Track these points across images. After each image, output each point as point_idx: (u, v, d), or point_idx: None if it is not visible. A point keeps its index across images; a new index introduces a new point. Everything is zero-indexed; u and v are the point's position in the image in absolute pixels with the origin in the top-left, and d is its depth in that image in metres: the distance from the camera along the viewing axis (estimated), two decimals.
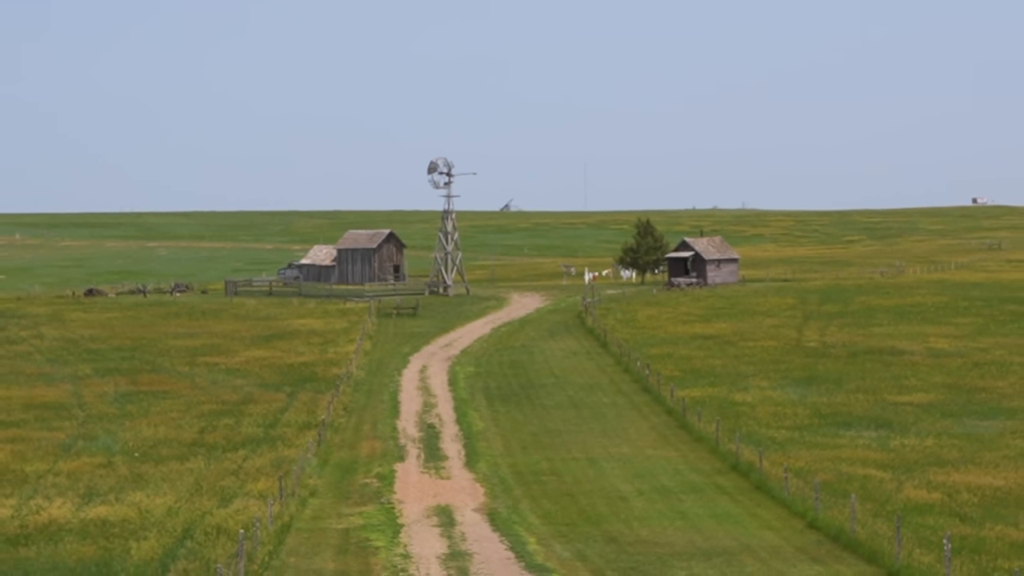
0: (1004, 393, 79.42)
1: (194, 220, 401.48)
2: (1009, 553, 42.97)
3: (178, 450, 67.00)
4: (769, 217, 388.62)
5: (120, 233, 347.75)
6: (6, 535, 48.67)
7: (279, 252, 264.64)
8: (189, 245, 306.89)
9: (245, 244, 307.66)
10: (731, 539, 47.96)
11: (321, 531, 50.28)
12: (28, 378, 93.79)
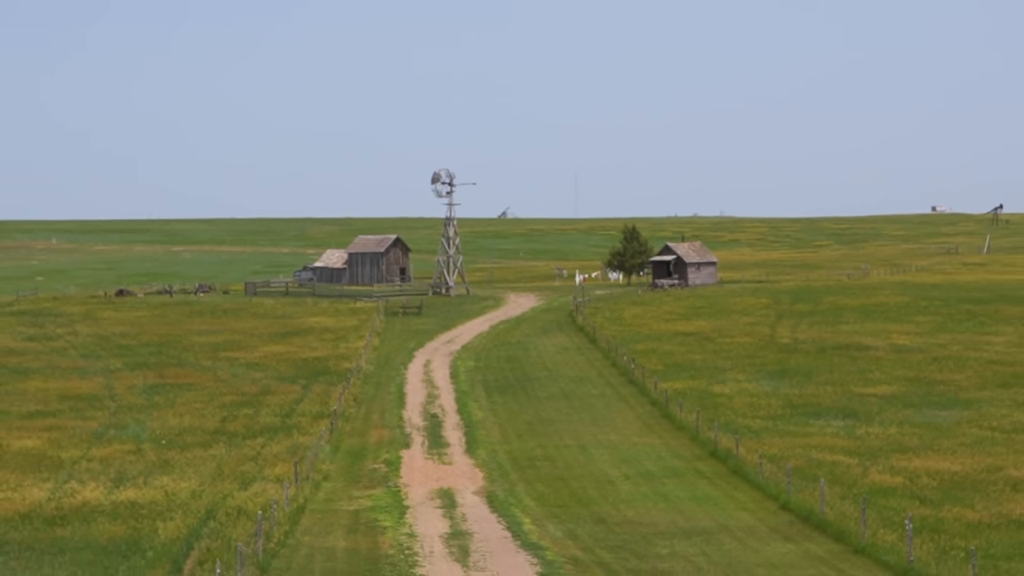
0: (961, 385, 79.46)
1: (216, 226, 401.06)
2: (966, 533, 42.98)
3: (202, 438, 67.04)
4: (745, 224, 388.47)
5: (148, 238, 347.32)
6: (43, 516, 48.67)
7: (294, 256, 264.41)
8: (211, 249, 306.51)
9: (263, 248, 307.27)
10: (710, 519, 47.97)
11: (333, 512, 50.28)
12: (64, 371, 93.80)
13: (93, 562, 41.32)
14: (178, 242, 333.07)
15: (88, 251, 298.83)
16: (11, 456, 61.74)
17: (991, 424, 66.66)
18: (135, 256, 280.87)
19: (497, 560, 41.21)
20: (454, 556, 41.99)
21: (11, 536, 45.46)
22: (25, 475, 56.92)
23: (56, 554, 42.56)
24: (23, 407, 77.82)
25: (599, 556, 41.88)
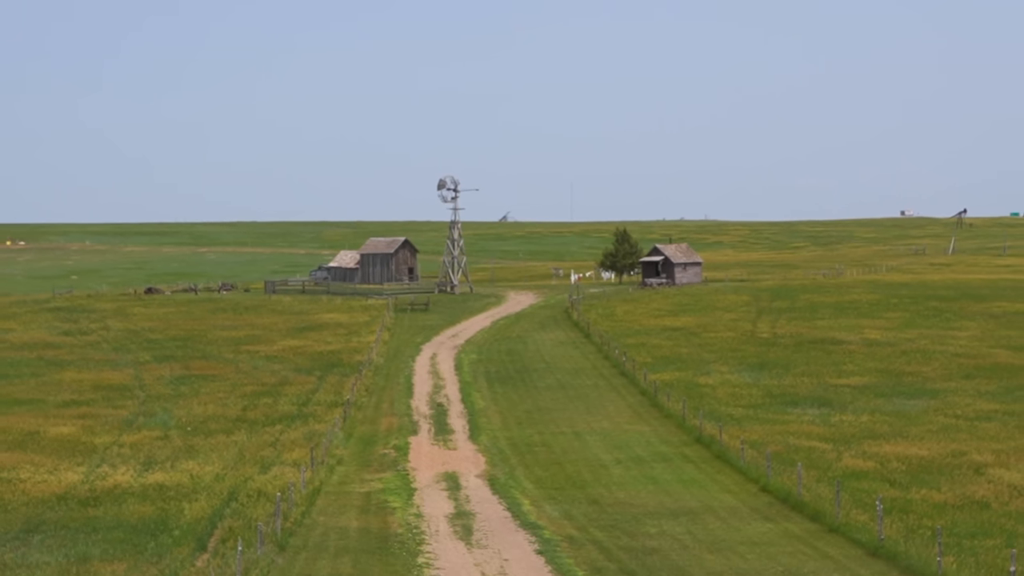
0: (928, 376, 79.50)
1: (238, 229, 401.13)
2: (932, 513, 43.00)
3: (224, 425, 67.04)
4: (728, 227, 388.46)
5: (175, 240, 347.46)
6: (77, 497, 48.68)
7: (310, 256, 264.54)
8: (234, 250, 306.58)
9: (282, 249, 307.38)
10: (695, 501, 47.97)
11: (346, 494, 50.27)
12: (97, 363, 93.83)
13: (124, 540, 41.34)
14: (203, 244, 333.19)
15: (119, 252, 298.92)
16: (48, 442, 61.77)
17: (956, 412, 66.67)
18: (163, 257, 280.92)
19: (498, 538, 41.22)
20: (458, 535, 42.00)
21: (48, 516, 45.49)
22: (61, 459, 56.94)
23: (90, 532, 42.59)
24: (59, 396, 77.87)
25: (593, 535, 41.89)
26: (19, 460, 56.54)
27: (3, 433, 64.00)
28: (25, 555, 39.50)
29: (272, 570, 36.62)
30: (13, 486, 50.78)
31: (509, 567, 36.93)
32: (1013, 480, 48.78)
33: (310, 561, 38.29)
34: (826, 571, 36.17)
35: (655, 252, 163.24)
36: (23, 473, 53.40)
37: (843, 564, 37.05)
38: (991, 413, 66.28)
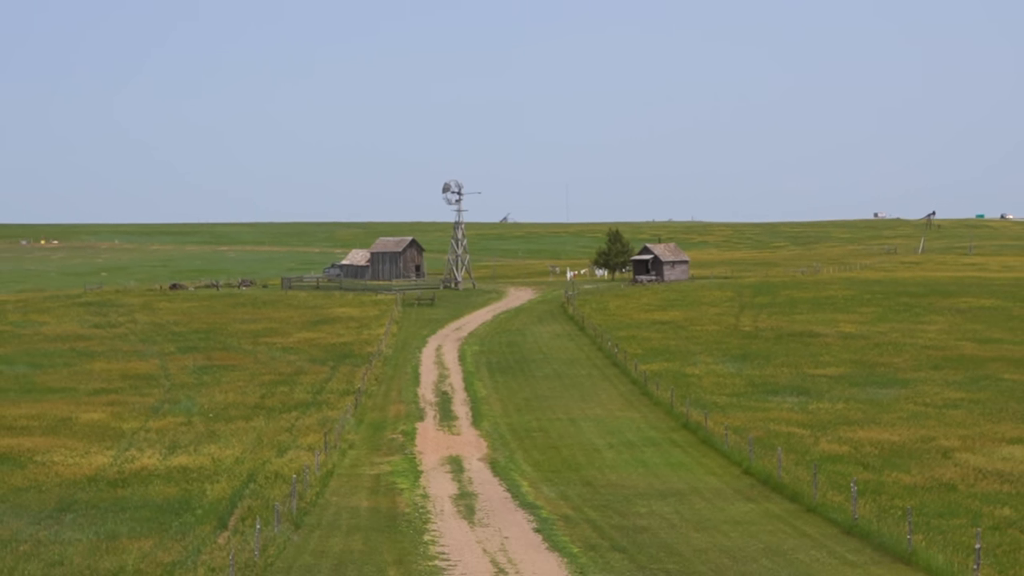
0: (899, 367, 79.54)
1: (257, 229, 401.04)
2: (903, 494, 43.04)
3: (244, 412, 67.11)
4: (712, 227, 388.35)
5: (197, 239, 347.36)
6: (107, 479, 48.74)
7: (324, 255, 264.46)
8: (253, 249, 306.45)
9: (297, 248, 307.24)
10: (682, 482, 48.01)
11: (357, 476, 50.33)
12: (125, 354, 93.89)
13: (150, 519, 41.39)
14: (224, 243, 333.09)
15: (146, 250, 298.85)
16: (79, 427, 61.84)
17: (925, 400, 66.72)
18: (186, 255, 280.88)
19: (499, 517, 41.26)
20: (461, 514, 42.04)
21: (79, 496, 45.54)
22: (91, 444, 57.00)
23: (118, 512, 42.63)
24: (90, 385, 77.94)
25: (587, 514, 41.91)
26: (52, 444, 56.62)
27: (38, 419, 64.09)
28: (58, 532, 39.56)
29: (288, 547, 36.66)
30: (47, 468, 50.86)
31: (509, 544, 36.97)
32: (978, 464, 48.83)
33: (323, 538, 38.34)
34: (804, 548, 36.20)
35: (645, 251, 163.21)
36: (56, 456, 53.48)
37: (820, 542, 37.09)
38: (958, 401, 66.32)
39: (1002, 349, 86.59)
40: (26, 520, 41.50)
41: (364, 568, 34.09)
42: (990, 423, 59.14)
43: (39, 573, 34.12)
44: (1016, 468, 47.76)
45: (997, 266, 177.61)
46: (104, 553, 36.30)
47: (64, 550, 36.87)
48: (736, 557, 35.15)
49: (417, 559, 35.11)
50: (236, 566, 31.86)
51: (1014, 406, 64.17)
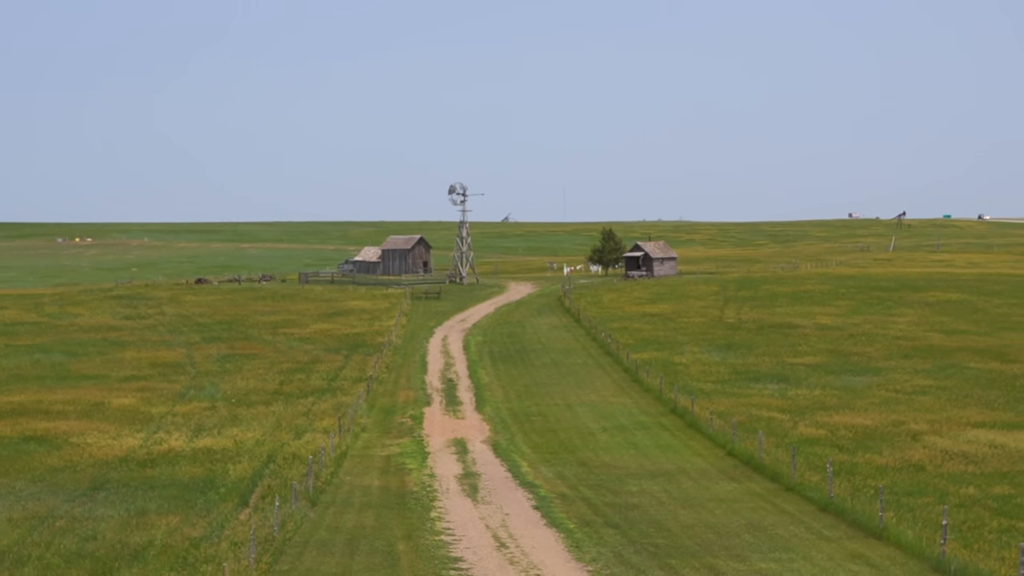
0: (871, 356, 79.52)
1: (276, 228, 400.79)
2: (875, 474, 43.05)
3: (264, 397, 67.11)
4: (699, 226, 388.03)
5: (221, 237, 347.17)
6: (137, 460, 48.76)
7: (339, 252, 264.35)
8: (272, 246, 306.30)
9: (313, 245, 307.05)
10: (671, 463, 48.02)
11: (369, 457, 50.34)
12: (153, 344, 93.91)
13: (177, 496, 41.41)
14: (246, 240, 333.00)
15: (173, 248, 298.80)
16: (111, 411, 61.86)
17: (896, 387, 66.72)
18: (211, 252, 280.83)
19: (500, 495, 41.27)
20: (466, 492, 42.05)
21: (111, 475, 45.56)
22: (123, 427, 57.03)
23: (147, 490, 42.65)
24: (121, 372, 77.96)
25: (582, 492, 41.92)
26: (86, 427, 56.66)
27: (73, 404, 64.13)
28: (91, 509, 39.59)
29: (305, 523, 36.68)
30: (81, 450, 50.90)
31: (509, 520, 36.98)
32: (945, 446, 48.84)
33: (338, 514, 38.36)
34: (783, 524, 36.22)
35: (636, 248, 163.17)
36: (90, 438, 53.52)
37: (798, 518, 37.11)
38: (926, 388, 66.32)
39: (967, 340, 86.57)
40: (62, 498, 41.53)
41: (375, 542, 34.12)
42: (956, 408, 59.15)
43: (74, 547, 34.15)
44: (980, 450, 47.78)
45: (963, 263, 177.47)
46: (134, 528, 36.34)
47: (97, 526, 36.91)
48: (720, 532, 35.18)
49: (424, 534, 35.14)
50: (257, 540, 31.88)
51: (978, 393, 64.18)
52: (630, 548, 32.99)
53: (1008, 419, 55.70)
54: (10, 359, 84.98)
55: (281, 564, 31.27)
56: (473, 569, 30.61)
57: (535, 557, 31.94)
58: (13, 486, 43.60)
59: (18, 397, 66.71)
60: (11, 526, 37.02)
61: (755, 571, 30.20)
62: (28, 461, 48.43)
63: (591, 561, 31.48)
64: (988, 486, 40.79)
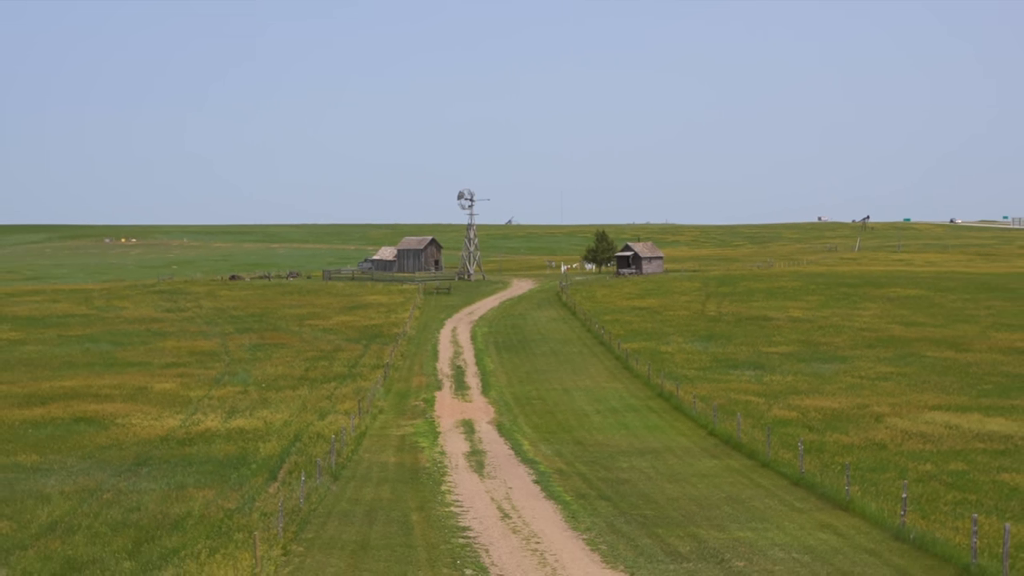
0: (839, 346, 79.49)
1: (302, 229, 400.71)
2: (841, 452, 43.02)
3: (291, 382, 67.13)
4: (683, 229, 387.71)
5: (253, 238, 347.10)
6: (176, 439, 48.78)
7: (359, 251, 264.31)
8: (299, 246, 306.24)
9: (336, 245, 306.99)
10: (658, 442, 48.00)
11: (386, 436, 50.34)
12: (191, 334, 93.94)
13: (213, 472, 41.43)
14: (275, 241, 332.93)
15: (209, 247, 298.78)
16: (154, 395, 61.90)
17: (860, 374, 66.69)
18: (244, 251, 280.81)
19: (504, 471, 41.27)
20: (473, 468, 42.04)
21: (154, 453, 45.60)
22: (164, 409, 57.07)
23: (186, 466, 42.68)
24: (162, 360, 78.00)
25: (577, 468, 41.91)
26: (131, 409, 56.70)
27: (119, 388, 64.17)
28: (136, 483, 39.62)
29: (328, 495, 36.68)
30: (126, 429, 50.93)
31: (512, 493, 36.97)
32: (905, 427, 48.81)
33: (358, 488, 38.36)
34: (759, 497, 36.19)
35: (627, 248, 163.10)
36: (134, 419, 53.55)
37: (772, 491, 37.08)
38: (888, 374, 66.29)
39: (925, 331, 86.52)
40: (108, 473, 41.57)
41: (391, 513, 34.11)
42: (915, 393, 59.11)
43: (120, 517, 34.18)
44: (936, 430, 47.75)
45: (921, 262, 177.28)
46: (174, 501, 36.36)
47: (140, 498, 36.93)
48: (702, 504, 35.16)
49: (436, 505, 35.13)
50: (285, 511, 31.88)
51: (935, 379, 64.13)
52: (621, 518, 32.98)
53: (962, 402, 55.67)
54: (62, 348, 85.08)
55: (306, 533, 31.29)
56: (480, 537, 30.61)
57: (535, 526, 31.94)
58: (65, 462, 43.66)
59: (70, 382, 66.79)
60: (64, 498, 37.06)
61: (734, 539, 30.19)
62: (79, 440, 48.50)
63: (586, 530, 31.48)
64: (944, 463, 40.77)
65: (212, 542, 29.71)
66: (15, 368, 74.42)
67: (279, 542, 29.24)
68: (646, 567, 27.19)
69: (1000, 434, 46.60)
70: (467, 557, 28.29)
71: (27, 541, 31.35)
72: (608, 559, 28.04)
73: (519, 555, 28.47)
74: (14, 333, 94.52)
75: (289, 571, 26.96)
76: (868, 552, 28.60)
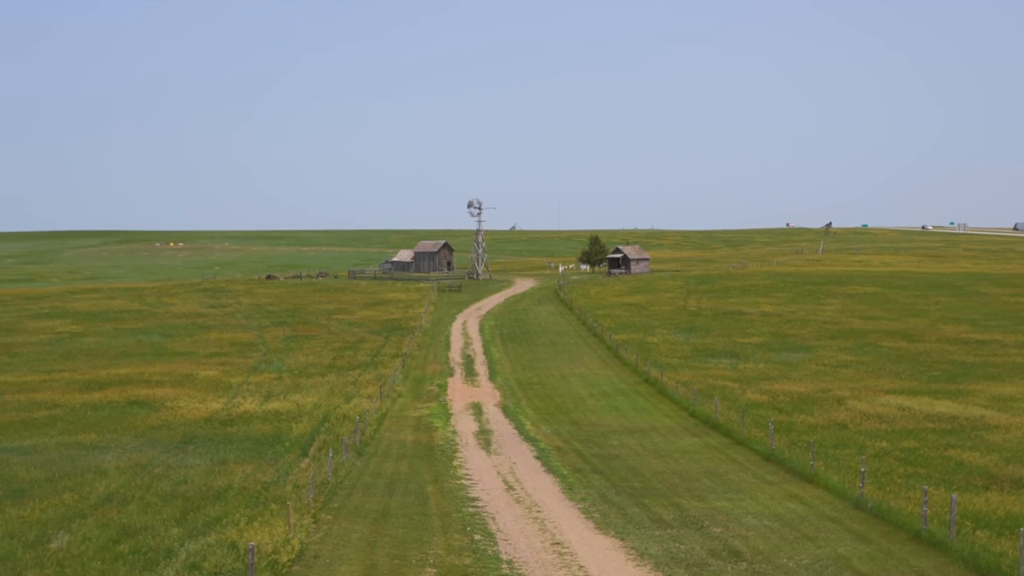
0: (805, 337, 79.39)
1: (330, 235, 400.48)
2: (807, 431, 42.97)
3: (320, 370, 67.15)
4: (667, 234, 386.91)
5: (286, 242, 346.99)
6: (219, 420, 48.81)
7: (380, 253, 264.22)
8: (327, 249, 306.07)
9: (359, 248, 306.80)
10: (645, 422, 47.97)
11: (404, 417, 50.35)
12: (232, 327, 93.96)
13: (251, 449, 41.45)
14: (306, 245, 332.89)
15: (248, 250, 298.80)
16: (199, 381, 61.93)
17: (823, 362, 66.62)
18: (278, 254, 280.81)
19: (508, 448, 41.27)
20: (481, 445, 42.05)
21: (199, 432, 45.63)
22: (208, 393, 57.10)
23: (227, 443, 42.71)
24: (206, 350, 78.03)
25: (574, 445, 41.90)
26: (179, 393, 56.74)
27: (168, 375, 64.21)
28: (183, 459, 39.65)
29: (353, 469, 36.69)
30: (174, 411, 50.97)
31: (516, 467, 36.97)
32: (863, 409, 48.75)
33: (379, 463, 38.37)
34: (734, 471, 36.17)
35: (617, 251, 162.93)
36: (181, 402, 53.59)
37: (746, 466, 37.05)
38: (848, 362, 66.21)
39: (881, 324, 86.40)
40: (159, 450, 41.60)
41: (409, 485, 34.12)
42: (872, 378, 59.04)
43: (169, 489, 34.20)
44: (891, 412, 47.69)
45: (877, 263, 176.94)
46: (217, 474, 36.37)
47: (187, 472, 36.96)
48: (684, 477, 35.13)
49: (448, 478, 35.13)
50: (315, 484, 31.90)
51: (890, 366, 64.05)
52: (612, 490, 32.96)
53: (914, 387, 55.60)
54: (118, 339, 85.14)
55: (334, 502, 31.30)
56: (487, 506, 30.61)
57: (536, 497, 31.93)
58: (120, 441, 43.70)
59: (124, 370, 66.84)
60: (119, 472, 37.09)
61: (712, 508, 30.16)
62: (132, 421, 48.54)
63: (581, 500, 31.47)
64: (897, 440, 40.72)
65: (250, 511, 29.72)
66: (76, 357, 74.52)
67: (310, 511, 29.25)
68: (635, 533, 27.18)
69: (947, 415, 46.55)
70: (476, 524, 28.29)
71: (87, 510, 31.39)
72: (601, 526, 28.04)
73: (522, 522, 28.47)
74: (75, 326, 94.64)
75: (319, 537, 26.97)
76: (831, 520, 28.58)
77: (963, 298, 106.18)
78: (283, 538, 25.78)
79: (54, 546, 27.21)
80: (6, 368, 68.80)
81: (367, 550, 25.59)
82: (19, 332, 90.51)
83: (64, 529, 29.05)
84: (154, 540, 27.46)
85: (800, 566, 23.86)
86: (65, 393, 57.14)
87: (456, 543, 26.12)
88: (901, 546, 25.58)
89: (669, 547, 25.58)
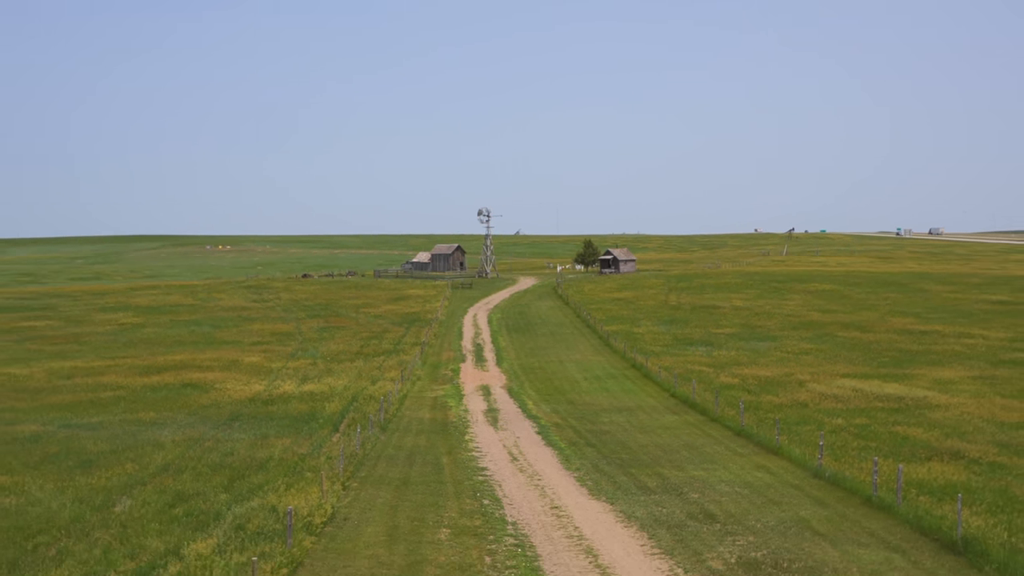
0: (770, 328, 79.23)
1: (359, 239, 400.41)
2: (773, 409, 42.90)
3: (349, 356, 67.14)
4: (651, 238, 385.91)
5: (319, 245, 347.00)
6: (261, 400, 48.85)
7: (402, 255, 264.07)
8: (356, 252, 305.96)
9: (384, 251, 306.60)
10: (632, 402, 47.92)
11: (422, 398, 50.34)
12: (272, 319, 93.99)
13: (289, 426, 41.49)
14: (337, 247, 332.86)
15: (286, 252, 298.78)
16: (244, 366, 61.97)
17: (787, 350, 66.48)
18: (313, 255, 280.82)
19: (514, 424, 41.25)
20: (489, 422, 42.03)
21: (244, 411, 45.66)
22: (251, 377, 57.13)
23: (268, 421, 42.75)
24: (250, 339, 78.06)
25: (570, 422, 41.86)
26: (226, 377, 56.78)
27: (216, 360, 64.25)
28: (230, 434, 39.70)
29: (378, 443, 36.70)
30: (222, 393, 51.01)
31: (520, 441, 36.95)
32: (822, 390, 48.66)
33: (400, 437, 38.38)
34: (710, 444, 36.12)
35: (608, 253, 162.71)
36: (228, 385, 53.63)
37: (719, 440, 37.00)
38: (808, 350, 66.07)
39: (837, 316, 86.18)
40: (209, 426, 41.66)
41: (427, 456, 34.13)
42: (829, 364, 58.91)
43: (217, 460, 34.26)
44: (846, 393, 47.59)
45: (834, 264, 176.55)
46: (260, 447, 36.43)
47: (234, 445, 37.01)
48: (666, 449, 35.10)
49: (461, 451, 35.13)
50: (345, 455, 31.91)
51: (845, 353, 63.90)
52: (603, 461, 32.95)
53: (865, 371, 55.47)
54: (173, 330, 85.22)
55: (361, 472, 31.31)
56: (494, 475, 30.60)
57: (537, 467, 31.93)
58: (176, 418, 43.76)
59: (179, 356, 66.92)
60: (174, 445, 37.16)
61: (690, 477, 30.13)
62: (186, 401, 48.60)
63: (576, 469, 31.45)
64: (851, 418, 40.64)
65: (288, 479, 29.75)
66: (137, 346, 74.61)
67: (340, 479, 29.27)
68: (623, 498, 27.17)
69: (895, 396, 46.44)
70: (485, 490, 28.29)
71: (146, 478, 31.45)
72: (593, 492, 28.03)
73: (524, 489, 28.47)
74: (136, 319, 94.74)
75: (348, 501, 26.99)
76: (793, 487, 28.54)
77: (909, 294, 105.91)
78: (317, 503, 25.80)
79: (118, 509, 27.28)
80: (76, 355, 68.95)
81: (390, 513, 25.62)
82: (88, 323, 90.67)
83: (126, 495, 29.11)
84: (205, 504, 27.51)
85: (767, 527, 23.85)
86: (127, 376, 57.22)
87: (467, 507, 26.13)
88: (854, 510, 25.54)
89: (653, 510, 25.58)
